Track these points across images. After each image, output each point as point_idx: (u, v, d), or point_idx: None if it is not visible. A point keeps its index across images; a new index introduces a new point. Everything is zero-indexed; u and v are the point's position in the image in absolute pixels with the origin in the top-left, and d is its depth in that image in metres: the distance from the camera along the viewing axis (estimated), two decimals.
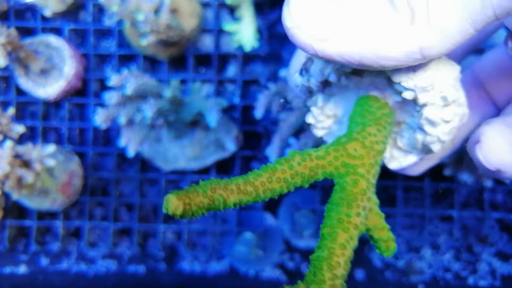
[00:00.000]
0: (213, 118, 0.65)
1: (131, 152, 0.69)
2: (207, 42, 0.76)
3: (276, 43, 0.75)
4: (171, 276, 0.75)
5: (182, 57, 0.75)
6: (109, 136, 0.78)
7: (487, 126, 0.28)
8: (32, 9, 0.76)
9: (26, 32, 0.75)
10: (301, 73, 0.31)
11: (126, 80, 0.64)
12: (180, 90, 0.70)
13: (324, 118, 0.33)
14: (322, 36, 0.23)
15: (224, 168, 0.76)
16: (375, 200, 0.26)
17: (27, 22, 0.76)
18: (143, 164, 0.76)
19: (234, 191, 0.23)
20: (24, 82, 0.72)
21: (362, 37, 0.23)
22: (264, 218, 0.76)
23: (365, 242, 0.75)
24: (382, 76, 0.29)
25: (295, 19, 0.24)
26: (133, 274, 0.75)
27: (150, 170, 0.76)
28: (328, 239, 0.24)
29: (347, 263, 0.24)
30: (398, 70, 0.27)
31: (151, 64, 0.77)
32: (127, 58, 0.77)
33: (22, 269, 0.75)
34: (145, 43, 0.65)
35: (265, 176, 0.24)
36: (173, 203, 0.21)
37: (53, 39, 0.72)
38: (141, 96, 0.67)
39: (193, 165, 0.73)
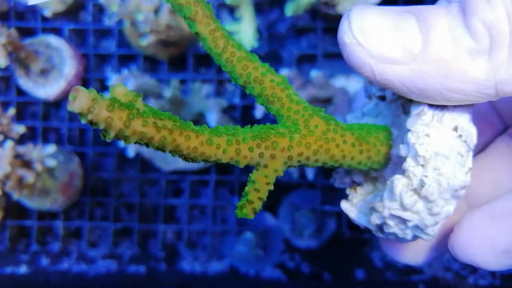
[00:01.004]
0: (213, 118, 0.65)
1: (131, 153, 0.69)
2: None
3: (276, 43, 0.75)
4: (172, 276, 0.75)
5: (182, 57, 0.75)
6: None
7: (467, 215, 0.25)
8: (32, 10, 0.76)
9: (26, 32, 0.75)
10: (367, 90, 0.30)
11: (126, 80, 0.64)
12: (180, 90, 0.70)
13: None
14: (385, 57, 0.21)
15: (224, 168, 0.76)
16: (276, 167, 0.24)
17: (27, 23, 0.76)
18: (143, 164, 0.76)
19: (208, 18, 0.24)
20: (25, 83, 0.72)
21: (431, 64, 0.21)
22: (264, 218, 0.76)
23: (365, 242, 0.75)
24: (401, 119, 0.27)
25: (357, 34, 0.21)
26: (134, 274, 0.75)
27: (150, 171, 0.77)
28: (211, 130, 0.23)
29: (163, 142, 0.21)
30: (420, 119, 0.24)
31: (151, 64, 0.77)
32: (127, 58, 0.77)
33: (23, 269, 0.75)
34: (145, 43, 0.66)
35: (240, 54, 0.24)
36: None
37: (53, 40, 0.72)
38: (141, 96, 0.67)
39: (193, 165, 0.73)
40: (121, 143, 0.69)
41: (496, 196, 0.26)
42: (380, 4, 0.68)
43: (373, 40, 0.21)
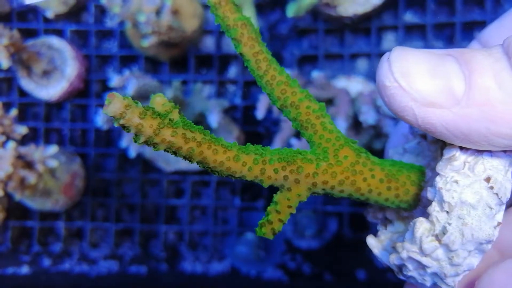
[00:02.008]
0: (214, 119, 0.65)
1: (133, 153, 0.69)
2: (208, 43, 0.76)
3: (277, 44, 0.75)
4: (173, 277, 0.75)
5: (184, 58, 0.75)
6: (111, 137, 0.78)
7: (489, 270, 0.23)
8: (34, 11, 0.77)
9: (28, 33, 0.75)
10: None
11: (127, 81, 0.64)
12: (181, 91, 0.70)
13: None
14: (427, 101, 0.20)
15: None
16: (300, 192, 0.25)
17: (29, 24, 0.76)
18: (145, 165, 0.76)
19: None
20: (27, 84, 0.72)
21: (475, 108, 0.20)
22: None
23: (366, 243, 0.75)
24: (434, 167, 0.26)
25: (398, 77, 0.20)
26: (135, 274, 0.75)
27: (151, 171, 0.77)
28: (241, 147, 0.24)
29: (190, 154, 0.22)
30: (450, 164, 0.23)
31: (153, 65, 0.77)
32: (128, 59, 0.77)
33: (25, 269, 0.76)
34: (147, 44, 0.66)
35: (280, 78, 0.25)
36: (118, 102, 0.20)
37: (55, 41, 0.72)
38: (142, 97, 0.67)
39: (194, 166, 0.73)
40: (123, 143, 0.69)
41: None
42: (381, 5, 0.68)
43: (415, 83, 0.20)
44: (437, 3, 0.70)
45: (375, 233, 0.30)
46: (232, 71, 0.77)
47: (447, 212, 0.23)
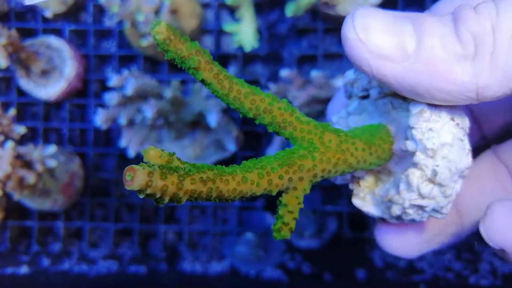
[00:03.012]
0: (213, 118, 0.65)
1: (132, 153, 0.69)
2: (207, 43, 0.76)
3: (276, 43, 0.75)
4: (172, 277, 0.75)
5: None
6: (110, 136, 0.78)
7: (497, 201, 0.26)
8: (33, 11, 0.76)
9: (27, 33, 0.75)
10: (354, 72, 0.31)
11: (126, 81, 0.64)
12: (180, 90, 0.70)
13: (344, 126, 0.33)
14: (381, 54, 0.23)
15: None
16: (304, 187, 0.26)
17: (28, 24, 0.76)
18: None
19: (212, 71, 0.25)
20: (25, 83, 0.72)
21: (421, 64, 0.23)
22: (265, 218, 0.76)
23: (365, 242, 0.75)
24: (407, 118, 0.29)
25: (359, 31, 0.23)
26: (134, 274, 0.75)
27: None
28: (242, 166, 0.24)
29: (217, 192, 0.23)
30: (421, 116, 0.27)
31: (152, 64, 0.77)
32: (127, 58, 0.77)
33: (24, 269, 0.75)
34: (146, 44, 0.66)
35: (246, 90, 0.26)
36: (160, 27, 0.22)
37: (53, 40, 0.72)
38: (141, 96, 0.67)
39: None
40: (122, 143, 0.69)
41: (481, 203, 0.28)
42: (380, 5, 0.68)
43: (373, 37, 0.23)
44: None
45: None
46: (231, 71, 0.77)
47: (432, 157, 0.26)
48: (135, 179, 0.20)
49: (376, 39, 0.23)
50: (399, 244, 0.32)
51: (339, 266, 0.75)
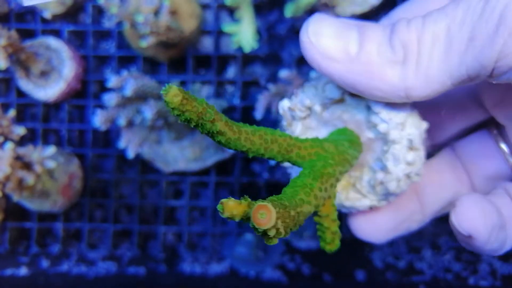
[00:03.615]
0: None
1: (131, 154, 0.69)
2: (206, 44, 0.76)
3: (276, 44, 0.75)
4: (172, 278, 0.75)
5: (182, 58, 0.75)
6: (109, 137, 0.78)
7: (466, 195, 0.30)
8: (32, 11, 0.76)
9: (26, 34, 0.75)
10: (290, 97, 0.34)
11: (125, 82, 0.64)
12: None
13: None
14: (328, 56, 0.27)
15: (224, 169, 0.76)
16: (334, 192, 0.28)
17: (27, 24, 0.76)
18: (143, 165, 0.76)
19: (222, 120, 0.25)
20: (25, 84, 0.72)
21: (362, 66, 0.27)
22: None
23: (365, 243, 0.75)
24: (360, 113, 0.33)
25: (311, 35, 0.27)
26: (133, 275, 0.75)
27: (150, 172, 0.77)
28: (288, 194, 0.25)
29: (298, 219, 0.24)
30: (380, 103, 0.30)
31: (151, 65, 0.77)
32: (126, 59, 0.77)
33: (23, 271, 0.75)
34: (145, 44, 0.66)
35: (251, 128, 0.27)
36: (174, 90, 0.22)
37: (52, 41, 0.72)
38: (141, 97, 0.67)
39: (193, 166, 0.73)
40: (121, 144, 0.69)
41: (441, 195, 0.33)
42: (380, 5, 0.68)
43: (322, 41, 0.27)
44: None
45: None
46: (231, 72, 0.77)
47: (402, 129, 0.31)
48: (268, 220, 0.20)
49: (324, 43, 0.27)
50: (371, 229, 0.35)
51: (339, 267, 0.75)
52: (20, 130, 0.64)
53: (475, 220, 0.28)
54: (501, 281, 0.73)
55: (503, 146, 0.35)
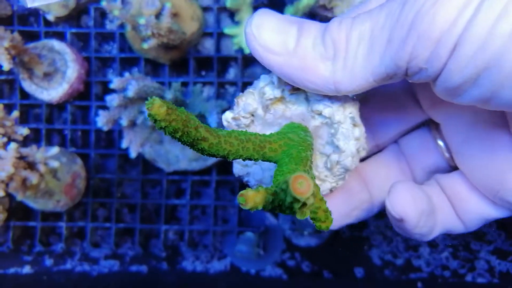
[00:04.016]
0: (213, 119, 0.66)
1: (133, 154, 0.70)
2: (207, 45, 0.77)
3: None
4: (173, 276, 0.76)
5: (183, 60, 0.76)
6: (111, 138, 0.79)
7: (398, 182, 0.33)
8: (35, 14, 0.77)
9: (30, 36, 0.76)
10: (231, 108, 0.35)
11: (128, 83, 0.65)
12: (181, 92, 0.71)
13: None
14: (268, 48, 0.29)
15: (224, 168, 0.77)
16: (313, 174, 0.30)
17: (30, 27, 0.77)
18: (145, 165, 0.77)
19: (203, 127, 0.26)
20: (28, 85, 0.73)
21: (298, 59, 0.29)
22: (265, 218, 0.77)
23: (364, 241, 0.76)
24: (301, 106, 0.34)
25: (253, 28, 0.29)
26: (136, 273, 0.76)
27: (152, 171, 0.78)
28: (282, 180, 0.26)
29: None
30: (322, 97, 0.33)
31: (153, 67, 0.78)
32: (129, 61, 0.78)
33: (27, 269, 0.76)
34: (147, 46, 0.67)
35: (225, 132, 0.28)
36: (158, 102, 0.23)
37: (55, 43, 0.73)
38: (143, 98, 0.68)
39: (194, 165, 0.74)
40: (123, 144, 0.70)
41: (387, 186, 0.35)
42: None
43: (263, 34, 0.29)
44: None
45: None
46: (232, 73, 0.78)
47: (344, 109, 0.33)
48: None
49: (265, 36, 0.29)
50: None
51: (338, 265, 0.75)
52: (23, 131, 0.65)
53: (406, 205, 0.31)
54: (499, 278, 0.74)
55: (440, 142, 0.38)
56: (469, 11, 0.23)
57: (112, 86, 0.65)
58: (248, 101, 0.34)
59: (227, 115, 0.35)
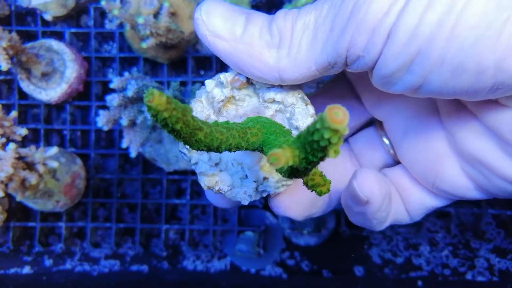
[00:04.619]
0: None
1: (133, 153, 0.70)
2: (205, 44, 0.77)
3: None
4: (174, 275, 0.76)
5: (182, 59, 0.76)
6: (111, 137, 0.79)
7: (361, 169, 0.34)
8: (33, 14, 0.77)
9: (27, 36, 0.76)
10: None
11: (127, 83, 0.65)
12: (180, 91, 0.71)
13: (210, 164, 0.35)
14: (216, 33, 0.30)
15: None
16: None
17: (28, 27, 0.77)
18: (145, 165, 0.77)
19: (192, 119, 0.26)
20: (26, 86, 0.73)
21: (245, 46, 0.29)
22: (265, 217, 0.77)
23: (363, 240, 0.76)
24: (253, 99, 0.34)
25: (203, 13, 0.30)
26: (136, 273, 0.76)
27: (152, 171, 0.77)
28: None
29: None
30: (267, 87, 0.33)
31: (152, 66, 0.78)
32: (128, 61, 0.78)
33: (26, 269, 0.76)
34: (146, 46, 0.66)
35: (213, 123, 0.28)
36: (156, 92, 0.22)
37: (53, 43, 0.73)
38: (142, 98, 0.68)
39: None
40: (123, 144, 0.70)
41: (343, 180, 0.37)
42: None
43: (211, 19, 0.30)
44: None
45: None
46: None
47: (294, 93, 0.34)
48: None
49: (214, 21, 0.30)
50: (292, 204, 0.38)
51: (338, 263, 0.76)
52: (22, 131, 0.65)
53: (373, 186, 0.32)
54: (498, 276, 0.74)
55: (385, 139, 0.40)
56: (400, 2, 0.25)
57: (112, 85, 0.65)
58: (198, 109, 0.34)
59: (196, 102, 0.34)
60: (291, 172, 0.25)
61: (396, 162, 0.40)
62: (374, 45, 0.26)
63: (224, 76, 0.33)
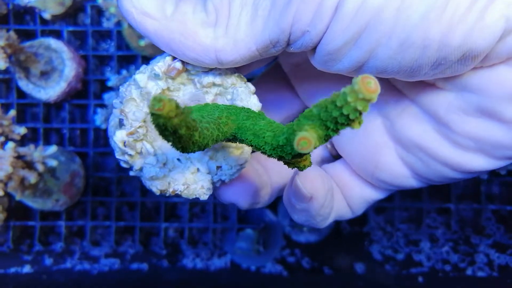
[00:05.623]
0: None
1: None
2: None
3: None
4: (174, 273, 0.76)
5: None
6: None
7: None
8: (31, 12, 0.77)
9: (25, 35, 0.76)
10: (121, 123, 0.31)
11: (125, 81, 0.65)
12: None
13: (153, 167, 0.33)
14: (144, 11, 0.27)
15: None
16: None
17: (26, 25, 0.76)
18: None
19: (192, 120, 0.25)
20: (25, 85, 0.73)
21: (176, 23, 0.27)
22: (264, 214, 0.77)
23: (364, 236, 0.76)
24: (189, 88, 0.32)
25: None
26: (136, 271, 0.76)
27: None
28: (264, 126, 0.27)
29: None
30: (205, 72, 0.31)
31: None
32: (126, 59, 0.77)
33: (27, 268, 0.76)
34: (143, 44, 0.66)
35: (197, 119, 0.27)
36: (166, 99, 0.20)
37: (52, 42, 0.73)
38: None
39: None
40: None
41: (283, 174, 0.37)
42: None
43: None
44: None
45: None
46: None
47: (231, 74, 0.32)
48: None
49: None
50: (239, 190, 0.37)
51: (338, 260, 0.76)
52: (21, 130, 0.65)
53: (315, 182, 0.32)
54: (498, 271, 0.74)
55: None
56: None
57: (110, 84, 0.65)
58: (133, 110, 0.30)
59: (120, 135, 0.30)
60: (296, 154, 0.24)
61: (334, 157, 0.40)
62: (320, 18, 0.24)
63: (158, 67, 0.30)
